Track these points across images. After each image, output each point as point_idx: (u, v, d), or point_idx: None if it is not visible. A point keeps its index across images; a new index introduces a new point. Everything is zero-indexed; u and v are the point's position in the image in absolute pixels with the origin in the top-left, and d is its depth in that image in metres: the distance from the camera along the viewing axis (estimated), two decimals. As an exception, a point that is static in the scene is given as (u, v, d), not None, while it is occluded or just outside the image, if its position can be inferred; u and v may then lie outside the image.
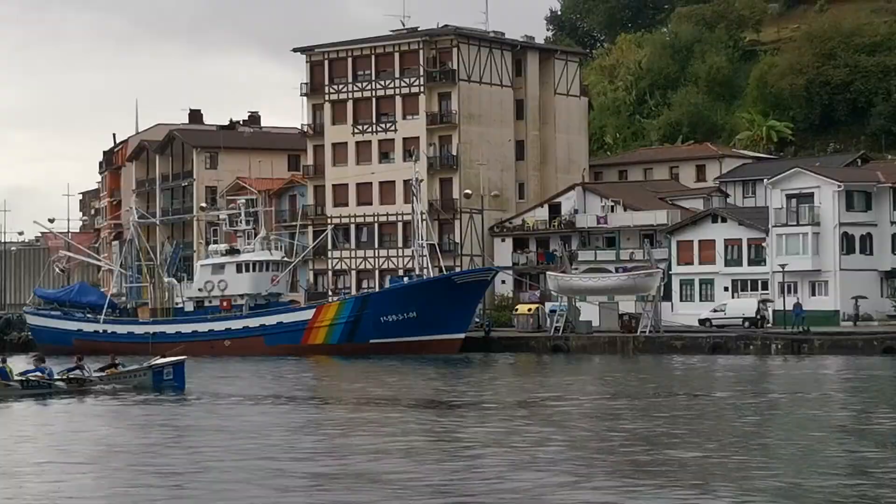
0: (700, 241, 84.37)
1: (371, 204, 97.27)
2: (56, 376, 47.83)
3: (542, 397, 45.96)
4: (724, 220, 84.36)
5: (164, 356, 49.61)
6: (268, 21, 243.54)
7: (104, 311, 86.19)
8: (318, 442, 32.92)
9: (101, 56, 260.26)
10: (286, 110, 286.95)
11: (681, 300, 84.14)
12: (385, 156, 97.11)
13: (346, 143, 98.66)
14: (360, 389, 51.44)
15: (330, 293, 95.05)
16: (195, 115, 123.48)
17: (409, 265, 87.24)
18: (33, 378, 47.23)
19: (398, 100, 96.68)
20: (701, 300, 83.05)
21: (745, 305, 78.70)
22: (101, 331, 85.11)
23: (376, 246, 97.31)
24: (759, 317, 76.24)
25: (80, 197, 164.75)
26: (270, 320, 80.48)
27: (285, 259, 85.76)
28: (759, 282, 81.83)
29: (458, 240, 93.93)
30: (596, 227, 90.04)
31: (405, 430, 34.87)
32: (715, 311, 79.19)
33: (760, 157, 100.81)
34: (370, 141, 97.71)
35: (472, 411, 41.01)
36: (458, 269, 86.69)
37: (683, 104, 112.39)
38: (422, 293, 77.01)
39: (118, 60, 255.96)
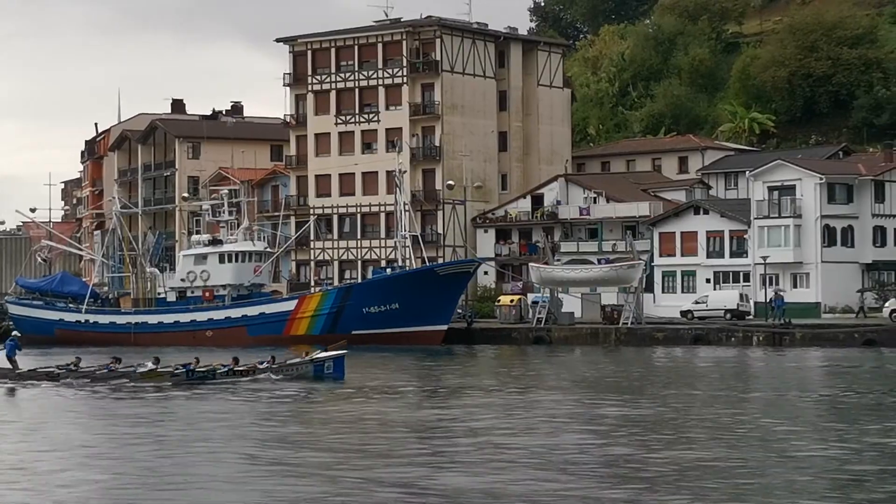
0: (682, 233, 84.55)
1: (354, 195, 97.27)
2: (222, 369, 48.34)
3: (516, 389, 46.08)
4: (706, 212, 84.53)
5: (326, 349, 49.73)
6: (252, 11, 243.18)
7: (86, 300, 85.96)
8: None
9: (87, 48, 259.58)
10: (269, 100, 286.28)
11: (663, 292, 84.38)
12: (368, 146, 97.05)
13: (328, 133, 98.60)
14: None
15: (312, 284, 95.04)
16: (178, 105, 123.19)
17: (392, 256, 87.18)
18: (201, 369, 48.23)
19: (381, 90, 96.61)
20: (683, 292, 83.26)
21: (727, 297, 78.98)
22: (83, 321, 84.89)
23: (359, 237, 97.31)
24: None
25: (63, 186, 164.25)
26: (253, 311, 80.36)
27: (268, 250, 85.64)
28: (741, 274, 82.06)
29: (440, 231, 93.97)
30: (578, 219, 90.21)
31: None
32: (697, 302, 79.47)
33: (743, 149, 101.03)
34: (353, 131, 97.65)
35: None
36: (440, 261, 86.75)
37: (666, 96, 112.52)
38: (404, 284, 77.02)
39: (104, 52, 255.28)
